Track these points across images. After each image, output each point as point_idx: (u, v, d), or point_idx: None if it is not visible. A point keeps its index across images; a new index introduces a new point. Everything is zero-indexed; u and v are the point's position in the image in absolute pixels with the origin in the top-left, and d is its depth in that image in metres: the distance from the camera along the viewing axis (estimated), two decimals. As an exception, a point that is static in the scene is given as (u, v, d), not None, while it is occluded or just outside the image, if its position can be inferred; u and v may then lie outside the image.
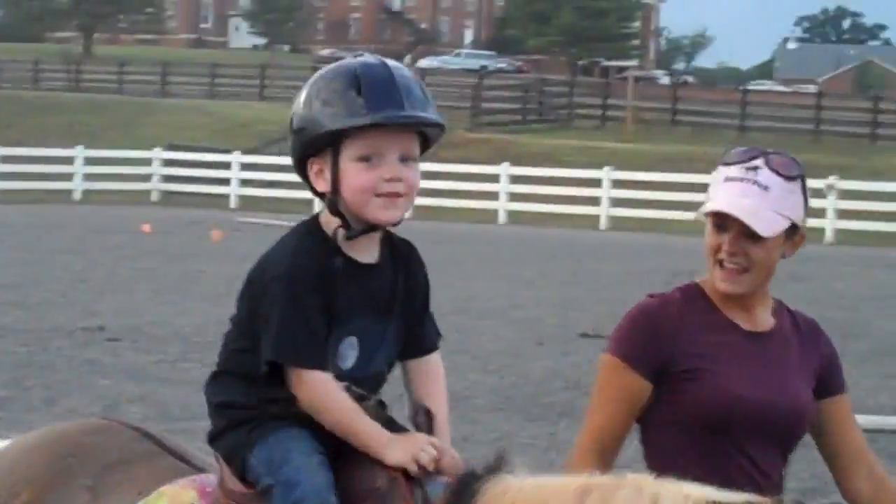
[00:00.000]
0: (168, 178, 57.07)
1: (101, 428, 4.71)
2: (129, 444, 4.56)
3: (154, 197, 56.27)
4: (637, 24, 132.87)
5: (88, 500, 4.40)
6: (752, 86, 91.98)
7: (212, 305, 21.25)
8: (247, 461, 4.17)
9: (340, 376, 4.16)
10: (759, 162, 4.51)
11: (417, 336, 4.37)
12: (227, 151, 57.15)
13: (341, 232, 4.16)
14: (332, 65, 4.26)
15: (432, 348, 4.41)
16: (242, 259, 30.77)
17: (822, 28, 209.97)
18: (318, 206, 4.37)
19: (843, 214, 45.79)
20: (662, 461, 4.39)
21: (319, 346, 4.13)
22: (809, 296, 27.05)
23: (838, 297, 26.82)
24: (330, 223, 4.20)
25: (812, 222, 33.38)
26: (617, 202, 48.55)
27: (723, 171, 4.56)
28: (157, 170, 56.79)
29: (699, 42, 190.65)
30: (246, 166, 56.08)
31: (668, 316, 4.56)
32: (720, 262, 4.49)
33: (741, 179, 4.48)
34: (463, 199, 51.54)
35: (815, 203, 44.86)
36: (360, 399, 4.16)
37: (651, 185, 48.61)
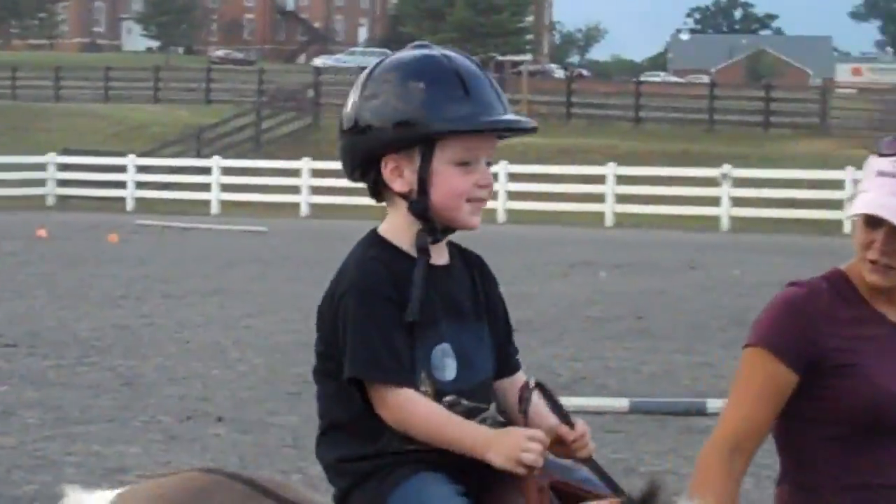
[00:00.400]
0: (63, 183, 56.46)
1: (206, 488, 4.08)
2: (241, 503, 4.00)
3: (49, 202, 55.56)
4: (530, 18, 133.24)
5: None
6: (645, 77, 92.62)
7: (110, 309, 21.15)
8: None
9: (442, 390, 3.84)
10: None
11: (508, 354, 4.09)
12: (123, 154, 56.70)
13: (420, 236, 3.88)
14: (409, 56, 3.95)
15: (518, 367, 4.12)
16: (140, 262, 30.75)
17: (713, 19, 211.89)
18: (215, 206, 4.29)
19: (738, 202, 46.17)
20: (798, 458, 4.29)
21: (398, 358, 3.80)
22: (706, 283, 27.36)
23: (734, 284, 27.03)
24: (394, 230, 3.91)
25: (707, 211, 33.72)
26: (513, 195, 48.61)
27: (874, 164, 4.27)
28: (53, 174, 56.12)
29: (592, 35, 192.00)
30: (141, 168, 55.62)
31: (819, 307, 4.29)
32: (869, 258, 4.24)
33: (894, 175, 4.21)
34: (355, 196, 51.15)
35: (710, 192, 45.67)
36: (472, 413, 3.83)
37: (547, 177, 48.79)
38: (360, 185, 4.03)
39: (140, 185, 55.19)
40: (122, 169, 55.21)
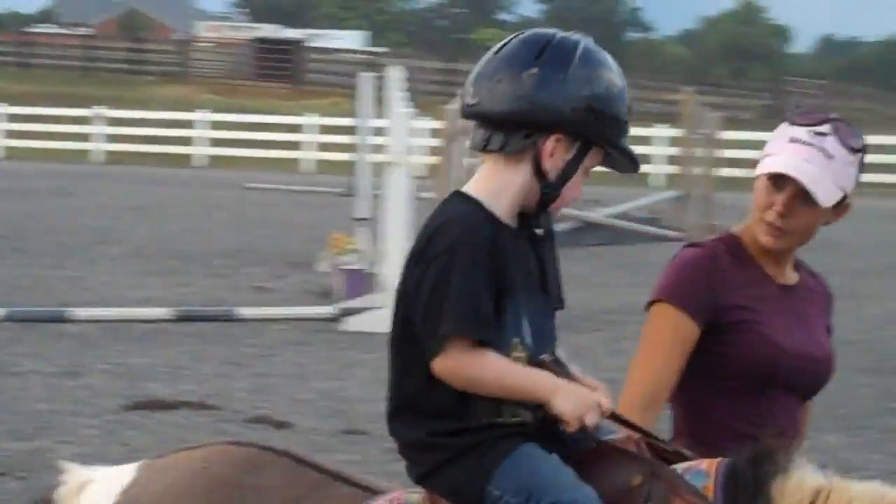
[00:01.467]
0: None
1: (250, 460, 3.57)
2: (291, 477, 3.52)
3: None
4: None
5: None
6: (35, 28, 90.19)
7: None
8: (485, 493, 3.25)
9: (531, 357, 3.34)
10: (827, 129, 3.92)
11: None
12: None
13: (531, 217, 3.41)
14: (596, 49, 3.38)
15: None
16: None
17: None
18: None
19: (113, 138, 46.26)
20: (696, 413, 3.98)
21: (490, 320, 3.25)
22: (78, 207, 27.37)
23: (102, 209, 27.29)
24: (495, 196, 3.33)
25: (84, 145, 33.12)
26: None
27: (788, 131, 3.94)
28: None
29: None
30: None
31: (719, 267, 3.97)
32: (766, 220, 3.92)
33: (808, 144, 3.88)
34: None
35: (86, 129, 45.63)
36: (557, 365, 3.37)
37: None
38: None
39: None
40: None
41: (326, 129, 43.31)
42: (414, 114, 16.46)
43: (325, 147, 43.45)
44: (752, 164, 3.96)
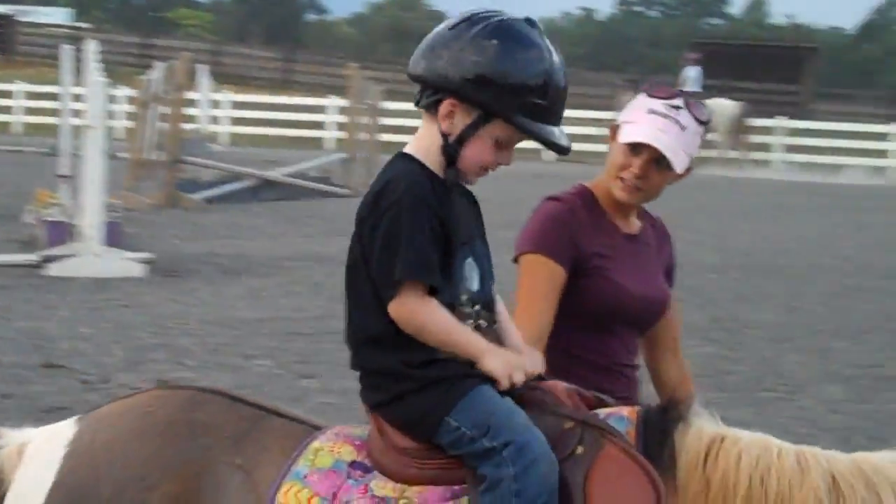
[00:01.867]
0: None
1: (190, 400, 3.37)
2: (233, 413, 3.33)
3: None
4: None
5: (243, 479, 3.20)
6: None
7: None
8: (442, 424, 3.14)
9: (472, 299, 3.28)
10: (679, 102, 3.91)
11: None
12: None
13: (450, 174, 3.26)
14: (518, 30, 3.19)
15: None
16: None
17: None
18: None
19: None
20: (554, 346, 3.83)
21: (437, 267, 3.18)
22: None
23: None
24: (425, 152, 3.26)
25: None
26: None
27: (646, 102, 3.91)
28: None
29: None
30: None
31: (577, 218, 3.92)
32: (622, 178, 3.89)
33: (665, 115, 3.87)
34: None
35: None
36: (488, 327, 3.32)
37: None
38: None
39: None
40: None
41: (33, 96, 41.74)
42: (110, 83, 16.16)
43: (32, 111, 41.86)
44: (413, 129, 3.81)
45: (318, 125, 38.44)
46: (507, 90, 3.14)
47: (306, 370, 9.69)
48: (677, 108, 3.87)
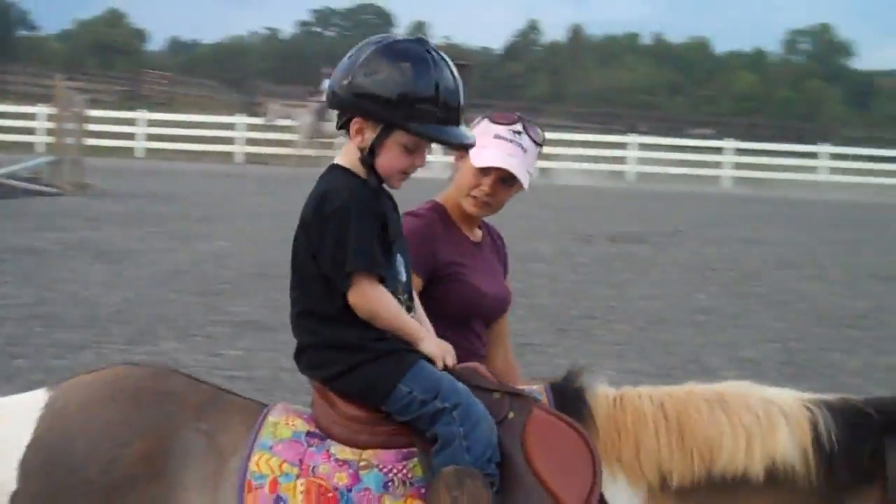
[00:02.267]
0: None
1: (153, 374, 3.29)
2: (193, 387, 3.26)
3: None
4: None
5: (207, 443, 3.10)
6: None
7: None
8: (393, 392, 3.14)
9: (401, 289, 3.34)
10: (520, 127, 3.93)
11: None
12: None
13: (372, 180, 3.27)
14: (403, 45, 3.20)
15: None
16: None
17: None
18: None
19: None
20: None
21: (381, 260, 3.23)
22: None
23: None
24: (352, 165, 3.28)
25: None
26: None
27: (492, 128, 3.90)
28: None
29: None
30: None
31: (433, 232, 3.91)
32: (474, 196, 3.92)
33: (510, 140, 3.89)
34: None
35: None
36: (412, 314, 3.38)
37: None
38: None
39: None
40: None
41: None
42: None
43: None
44: (116, 135, 3.74)
45: (29, 131, 36.84)
46: (399, 103, 3.14)
47: (17, 352, 9.42)
48: (519, 132, 3.91)
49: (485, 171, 3.89)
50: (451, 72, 3.22)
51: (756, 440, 3.11)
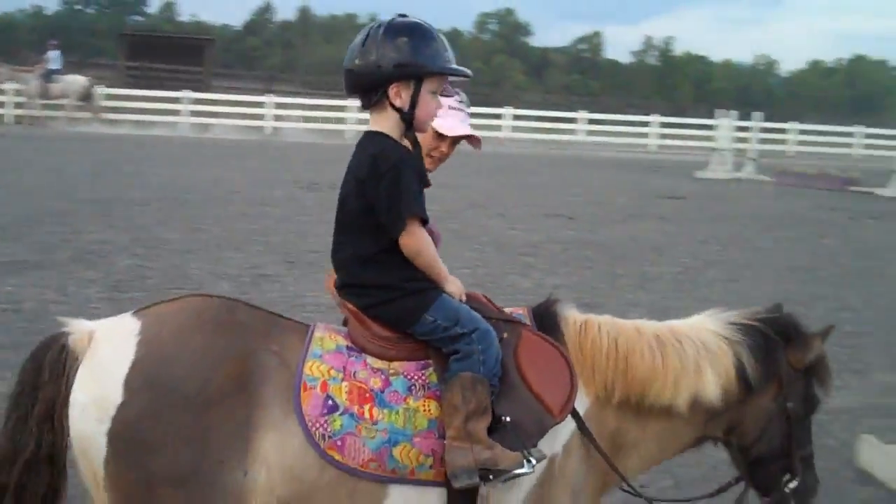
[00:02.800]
0: None
1: (223, 305, 3.24)
2: (256, 314, 3.26)
3: None
4: None
5: (279, 361, 3.15)
6: None
7: None
8: (422, 319, 3.26)
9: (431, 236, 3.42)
10: (462, 97, 3.98)
11: None
12: None
13: (409, 136, 3.37)
14: (401, 21, 3.32)
15: None
16: None
17: None
18: None
19: None
20: None
21: (424, 205, 3.30)
22: None
23: None
24: (388, 130, 3.34)
25: None
26: None
27: (444, 101, 3.80)
28: None
29: None
30: None
31: None
32: (431, 156, 3.89)
33: (460, 109, 3.94)
34: None
35: None
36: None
37: None
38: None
39: None
40: None
41: None
42: None
43: None
44: None
45: None
46: (422, 59, 3.26)
47: None
48: (462, 101, 3.98)
49: (441, 136, 3.93)
50: (436, 32, 3.40)
51: (682, 382, 3.35)
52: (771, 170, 27.88)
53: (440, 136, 3.93)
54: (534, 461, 3.13)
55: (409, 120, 3.34)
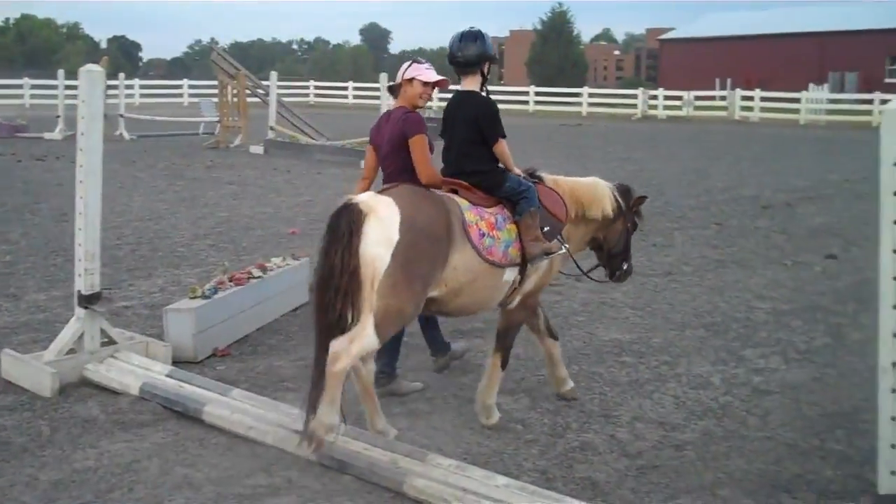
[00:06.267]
0: None
1: (425, 190, 5.36)
2: (437, 193, 5.42)
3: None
4: None
5: (460, 222, 5.28)
6: None
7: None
8: (502, 186, 5.57)
9: None
10: (423, 60, 5.84)
11: None
12: None
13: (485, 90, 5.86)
14: (476, 29, 5.78)
15: None
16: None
17: None
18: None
19: None
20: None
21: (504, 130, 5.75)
22: None
23: None
24: (474, 87, 5.77)
25: None
26: None
27: (420, 65, 5.78)
28: None
29: None
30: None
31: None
32: (423, 97, 5.76)
33: (429, 67, 5.80)
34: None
35: None
36: None
37: None
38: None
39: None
40: None
41: None
42: None
43: None
44: None
45: None
46: (491, 51, 5.77)
47: None
48: (428, 62, 5.83)
49: (426, 84, 5.75)
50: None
51: (599, 205, 6.08)
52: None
53: (424, 85, 5.76)
54: (564, 247, 5.84)
55: (488, 78, 5.79)
